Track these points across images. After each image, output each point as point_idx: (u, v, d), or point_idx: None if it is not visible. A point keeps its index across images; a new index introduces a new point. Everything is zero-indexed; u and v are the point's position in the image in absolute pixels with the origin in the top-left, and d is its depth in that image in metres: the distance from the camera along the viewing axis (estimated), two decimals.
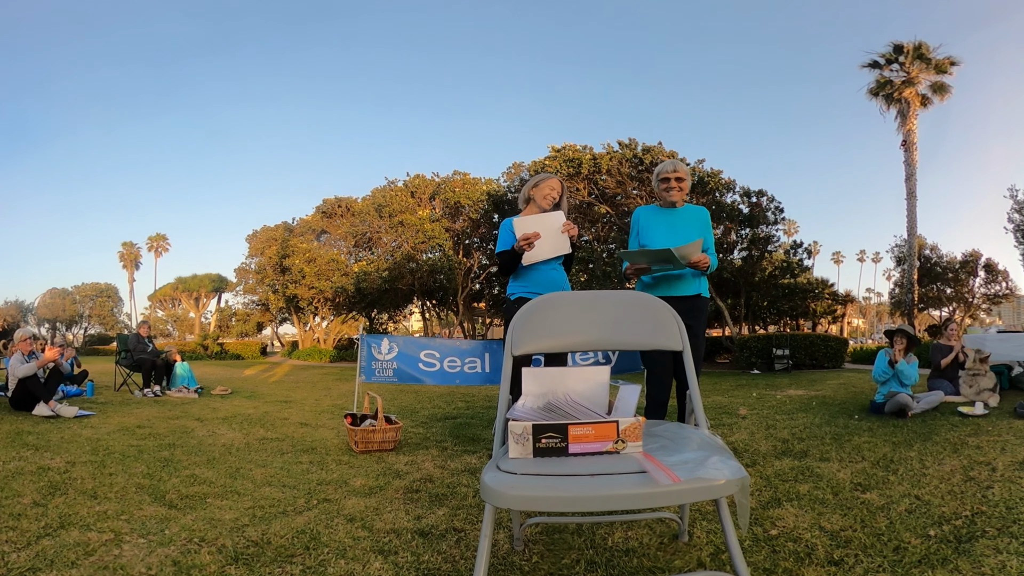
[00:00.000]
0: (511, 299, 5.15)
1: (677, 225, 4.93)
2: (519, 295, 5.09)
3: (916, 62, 26.46)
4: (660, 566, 2.71)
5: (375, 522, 3.40)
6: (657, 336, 2.46)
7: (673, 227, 4.92)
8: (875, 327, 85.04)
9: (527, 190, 5.23)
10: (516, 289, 5.13)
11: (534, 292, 5.04)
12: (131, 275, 77.40)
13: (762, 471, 4.45)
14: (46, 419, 7.61)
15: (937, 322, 36.16)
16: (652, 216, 5.05)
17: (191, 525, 3.33)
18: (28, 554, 2.88)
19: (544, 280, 5.08)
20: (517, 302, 5.06)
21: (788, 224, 38.88)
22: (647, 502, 1.79)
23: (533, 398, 2.19)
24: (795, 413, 7.69)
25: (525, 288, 5.08)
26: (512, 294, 5.16)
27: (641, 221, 5.06)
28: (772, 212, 23.72)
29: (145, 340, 12.52)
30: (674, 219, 4.97)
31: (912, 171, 26.98)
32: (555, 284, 5.12)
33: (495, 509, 1.91)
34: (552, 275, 5.13)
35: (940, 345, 9.28)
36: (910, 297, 27.98)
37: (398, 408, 8.81)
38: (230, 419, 7.85)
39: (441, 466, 4.86)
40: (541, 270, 5.08)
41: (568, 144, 24.81)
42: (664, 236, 4.83)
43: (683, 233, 4.85)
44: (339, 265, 34.55)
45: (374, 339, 7.41)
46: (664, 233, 4.88)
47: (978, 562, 2.63)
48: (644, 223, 5.04)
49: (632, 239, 5.14)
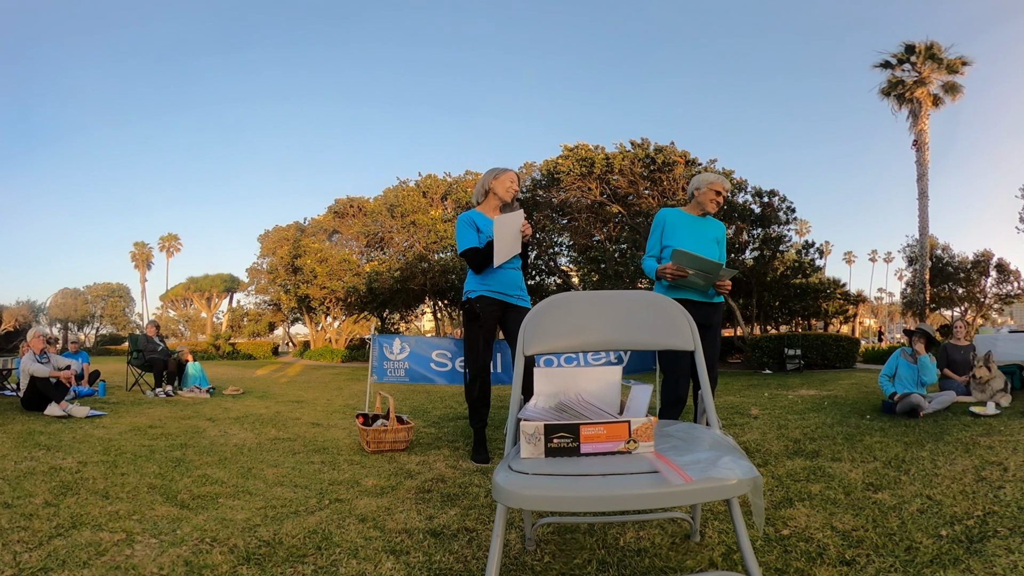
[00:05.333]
0: (471, 297, 5.13)
1: (702, 233, 5.01)
2: (480, 293, 5.08)
3: (928, 62, 26.37)
4: (672, 566, 2.71)
5: (387, 522, 3.40)
6: (669, 336, 2.46)
7: (699, 235, 4.98)
8: (886, 327, 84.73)
9: (487, 182, 5.21)
10: (477, 287, 5.10)
11: (495, 291, 5.08)
12: (143, 275, 77.81)
13: (774, 471, 4.44)
14: (58, 419, 7.65)
15: (949, 322, 35.99)
16: (679, 220, 5.07)
17: (203, 525, 3.35)
18: (40, 554, 2.90)
19: (505, 279, 5.10)
20: (478, 300, 5.07)
21: (800, 224, 38.85)
22: (659, 502, 1.78)
23: (545, 398, 2.19)
24: (807, 413, 7.66)
25: (486, 287, 5.08)
26: (472, 292, 5.13)
27: (667, 222, 5.06)
28: (784, 212, 23.63)
29: (154, 340, 12.56)
30: (701, 227, 5.06)
31: (924, 171, 26.89)
32: (514, 283, 5.16)
33: (507, 509, 1.91)
34: (512, 275, 5.16)
35: (952, 345, 9.25)
36: (922, 297, 27.87)
37: (410, 408, 8.82)
38: (242, 419, 7.88)
39: (453, 466, 4.86)
40: (503, 269, 5.09)
41: (581, 143, 24.76)
42: (690, 242, 4.87)
43: (706, 242, 4.96)
44: (351, 265, 34.56)
45: (386, 339, 7.42)
46: (690, 239, 4.92)
47: (990, 562, 2.62)
48: (671, 225, 5.04)
49: (654, 240, 5.14)
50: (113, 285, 72.93)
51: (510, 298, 5.10)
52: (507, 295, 5.09)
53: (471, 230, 5.07)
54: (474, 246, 5.04)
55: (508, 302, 5.10)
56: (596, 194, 24.66)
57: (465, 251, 5.10)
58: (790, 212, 23.78)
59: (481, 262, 5.01)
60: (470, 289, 5.15)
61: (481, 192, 5.27)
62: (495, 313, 5.08)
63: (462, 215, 5.18)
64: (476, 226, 5.08)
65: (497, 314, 5.11)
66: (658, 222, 5.13)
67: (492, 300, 5.06)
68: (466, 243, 5.08)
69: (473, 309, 5.06)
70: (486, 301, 5.05)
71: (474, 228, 5.07)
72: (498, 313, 5.11)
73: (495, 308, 5.07)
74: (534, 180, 26.61)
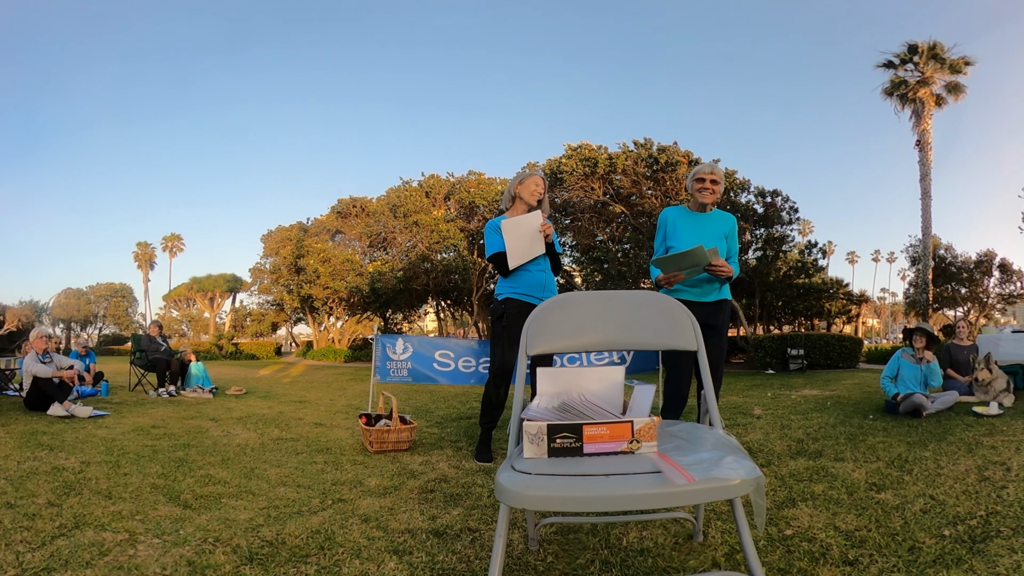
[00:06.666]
0: (498, 299, 5.21)
1: (706, 228, 4.94)
2: (507, 295, 5.14)
3: (931, 62, 26.32)
4: (675, 566, 2.71)
5: (390, 522, 3.40)
6: (672, 336, 2.46)
7: (702, 230, 4.92)
8: (890, 327, 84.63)
9: (513, 187, 5.26)
10: (504, 290, 5.18)
11: (522, 293, 5.12)
12: (146, 275, 77.77)
13: (777, 471, 4.43)
14: (61, 419, 7.65)
15: (952, 322, 35.94)
16: (680, 218, 5.04)
17: (206, 525, 3.35)
18: (43, 554, 2.90)
19: (532, 281, 5.13)
20: (504, 302, 5.13)
21: (803, 224, 38.82)
22: (662, 502, 1.78)
23: (548, 398, 2.19)
24: (810, 413, 7.66)
25: (513, 289, 5.13)
26: (500, 294, 5.21)
27: (669, 222, 5.05)
28: (787, 212, 23.67)
29: (157, 340, 12.58)
30: (703, 222, 4.97)
31: (927, 171, 26.84)
32: (541, 285, 5.18)
33: (510, 509, 1.91)
34: (540, 276, 5.17)
35: (955, 345, 9.25)
36: (925, 297, 27.82)
37: (413, 408, 8.83)
38: (245, 419, 7.88)
39: (456, 466, 4.86)
40: (530, 271, 5.13)
41: (584, 143, 24.79)
42: (693, 239, 4.82)
43: (711, 237, 4.87)
44: (354, 265, 34.57)
45: (389, 339, 7.42)
46: (693, 236, 4.86)
47: (993, 562, 2.62)
48: (672, 225, 5.02)
49: (659, 242, 5.13)
50: (116, 285, 73.11)
51: (537, 300, 5.12)
52: (534, 296, 5.13)
53: (497, 235, 5.10)
54: (499, 251, 5.08)
55: (535, 304, 5.11)
56: (599, 194, 24.68)
57: (491, 256, 5.18)
58: (793, 212, 23.82)
59: (506, 266, 5.05)
60: (499, 292, 5.23)
61: (508, 198, 5.33)
62: (521, 314, 5.08)
63: (490, 221, 5.23)
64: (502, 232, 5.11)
65: (524, 315, 5.12)
66: (660, 223, 5.12)
67: (518, 302, 5.09)
68: (493, 248, 5.15)
69: (498, 309, 5.13)
70: (512, 303, 5.09)
71: (500, 233, 5.09)
72: (525, 314, 5.12)
73: (522, 309, 5.07)
74: None
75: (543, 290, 5.17)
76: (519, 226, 5.00)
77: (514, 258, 4.99)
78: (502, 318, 5.10)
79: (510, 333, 5.07)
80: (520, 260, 5.02)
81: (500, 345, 5.13)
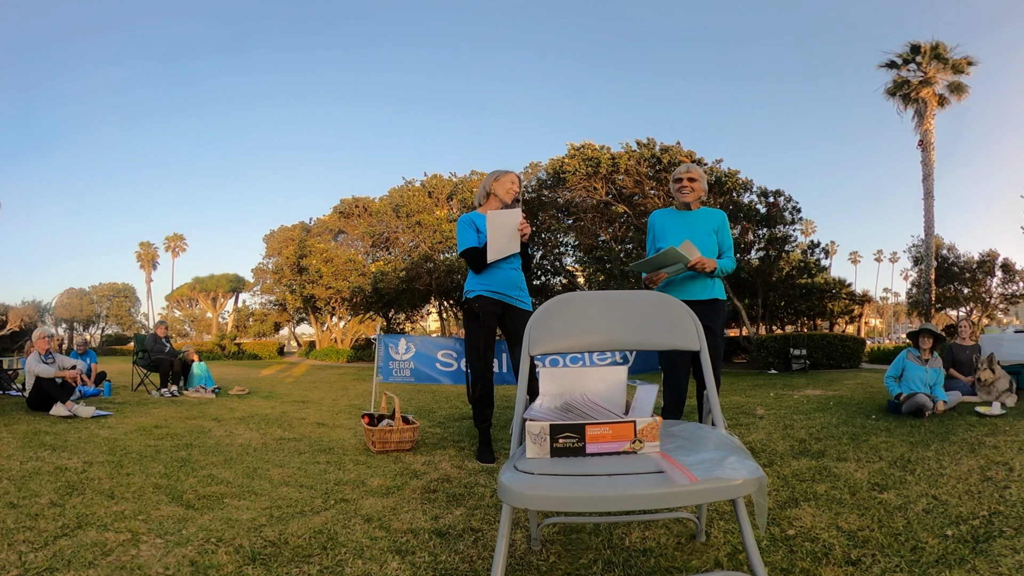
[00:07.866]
0: (469, 297, 5.16)
1: (693, 227, 4.93)
2: (478, 293, 5.10)
3: (933, 62, 26.27)
4: (677, 566, 2.71)
5: (392, 522, 3.40)
6: (675, 336, 2.46)
7: (689, 228, 4.92)
8: (892, 327, 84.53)
9: (488, 184, 5.23)
10: (476, 287, 5.13)
11: (494, 291, 5.10)
12: (148, 275, 77.79)
13: (779, 471, 4.43)
14: (63, 419, 7.66)
15: (954, 322, 35.90)
16: (667, 219, 5.06)
17: (208, 525, 3.35)
18: (46, 554, 2.90)
19: (505, 279, 5.11)
20: (476, 300, 5.08)
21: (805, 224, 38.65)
22: (664, 502, 1.78)
23: (550, 398, 2.19)
24: (812, 413, 7.66)
25: (485, 286, 5.10)
26: (471, 292, 5.16)
27: (657, 225, 5.08)
28: (789, 212, 23.62)
29: (162, 340, 12.61)
30: (690, 221, 4.98)
31: (929, 171, 26.80)
32: (514, 284, 5.16)
33: (512, 509, 1.91)
34: (513, 275, 5.16)
35: (957, 345, 9.24)
36: (927, 297, 27.77)
37: (415, 408, 8.82)
38: (247, 419, 7.89)
39: (458, 466, 4.86)
40: (503, 269, 5.11)
41: (586, 143, 24.74)
42: (680, 237, 4.82)
43: (699, 235, 4.87)
44: (356, 265, 34.61)
45: (391, 339, 7.43)
46: (680, 234, 4.87)
47: (995, 562, 2.62)
48: (660, 226, 5.05)
49: (649, 244, 5.16)
50: (119, 285, 73.26)
51: (509, 298, 5.11)
52: (506, 295, 5.10)
53: (471, 230, 5.09)
54: (473, 246, 5.07)
55: (507, 302, 5.11)
56: (602, 194, 24.63)
57: (464, 251, 5.14)
58: (795, 212, 23.78)
59: (480, 262, 5.03)
60: (469, 289, 5.18)
61: (483, 194, 5.29)
62: (494, 313, 5.08)
63: (462, 216, 5.21)
64: (476, 227, 5.11)
65: (496, 314, 5.12)
66: (649, 226, 5.17)
67: (491, 300, 5.08)
68: (465, 243, 5.12)
69: (472, 309, 5.07)
70: (485, 301, 5.06)
71: (474, 228, 5.10)
72: (497, 313, 5.12)
73: (494, 308, 5.08)
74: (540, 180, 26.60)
75: (516, 288, 5.16)
76: (503, 219, 4.96)
77: (494, 252, 4.95)
78: (477, 318, 5.06)
79: (486, 332, 5.07)
80: (499, 255, 4.99)
81: (478, 346, 5.09)
